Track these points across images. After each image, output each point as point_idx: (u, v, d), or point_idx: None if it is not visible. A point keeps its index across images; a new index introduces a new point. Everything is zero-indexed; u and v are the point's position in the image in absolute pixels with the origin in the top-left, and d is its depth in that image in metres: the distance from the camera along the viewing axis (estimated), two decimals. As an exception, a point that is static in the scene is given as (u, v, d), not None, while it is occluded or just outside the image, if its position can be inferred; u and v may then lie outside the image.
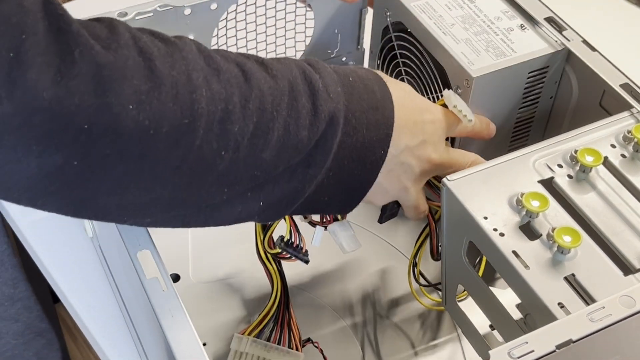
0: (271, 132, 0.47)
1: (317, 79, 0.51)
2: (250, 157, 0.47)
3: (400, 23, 0.73)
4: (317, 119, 0.49)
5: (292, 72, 0.50)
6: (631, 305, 0.47)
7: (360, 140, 0.52)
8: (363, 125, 0.53)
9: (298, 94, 0.49)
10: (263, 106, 0.47)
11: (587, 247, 0.53)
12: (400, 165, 0.56)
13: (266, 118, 0.47)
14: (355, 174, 0.53)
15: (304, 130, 0.49)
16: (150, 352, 0.64)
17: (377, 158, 0.54)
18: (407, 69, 0.74)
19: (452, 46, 0.67)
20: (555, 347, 0.45)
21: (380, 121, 0.54)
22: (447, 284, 0.63)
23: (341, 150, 0.52)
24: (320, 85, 0.50)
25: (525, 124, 0.72)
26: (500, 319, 0.57)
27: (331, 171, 0.52)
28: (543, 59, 0.67)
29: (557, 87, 0.70)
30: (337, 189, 0.53)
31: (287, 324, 0.64)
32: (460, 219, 0.56)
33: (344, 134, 0.51)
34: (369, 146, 0.53)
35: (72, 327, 1.29)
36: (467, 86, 0.65)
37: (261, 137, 0.47)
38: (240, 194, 0.48)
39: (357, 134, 0.52)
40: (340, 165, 0.52)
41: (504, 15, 0.70)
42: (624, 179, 0.57)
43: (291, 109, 0.48)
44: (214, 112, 0.44)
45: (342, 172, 0.53)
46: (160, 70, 0.42)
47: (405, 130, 0.55)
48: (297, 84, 0.50)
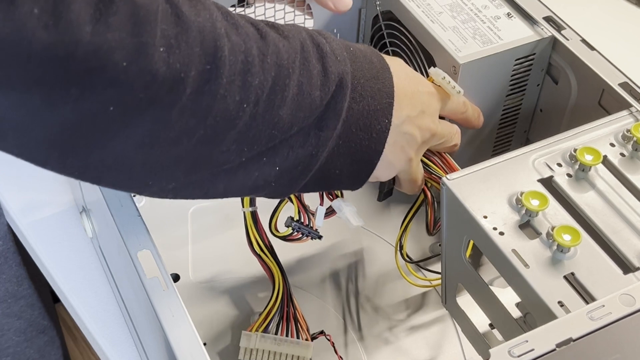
0: (287, 88, 0.48)
1: (324, 43, 0.52)
2: (269, 113, 0.47)
3: (389, 12, 0.74)
4: (327, 80, 0.51)
5: (301, 35, 0.51)
6: (631, 303, 0.48)
7: (367, 109, 0.53)
8: (367, 93, 0.54)
9: (309, 55, 0.50)
10: (280, 62, 0.48)
11: (587, 245, 0.53)
12: (403, 136, 0.57)
13: (283, 74, 0.48)
14: (363, 144, 0.54)
15: (317, 90, 0.50)
16: (150, 352, 0.64)
17: (383, 127, 0.55)
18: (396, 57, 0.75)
19: (439, 34, 0.68)
20: (555, 345, 0.45)
21: (382, 90, 0.55)
22: (446, 283, 0.63)
23: (350, 117, 0.53)
24: (328, 49, 0.52)
25: (513, 112, 0.73)
26: (500, 317, 0.57)
27: (341, 139, 0.53)
28: (529, 46, 0.68)
29: (544, 75, 0.71)
30: (347, 159, 0.54)
31: (292, 316, 0.64)
32: (459, 218, 0.56)
33: (351, 100, 0.52)
34: (374, 115, 0.54)
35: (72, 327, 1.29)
36: (455, 73, 0.66)
37: (279, 92, 0.48)
38: (257, 157, 0.49)
39: (363, 101, 0.53)
40: (349, 134, 0.53)
41: (491, 3, 0.72)
42: (623, 178, 0.57)
43: (303, 68, 0.49)
44: (235, 62, 0.45)
45: (351, 140, 0.53)
46: (187, 16, 0.43)
47: (405, 100, 0.56)
48: (307, 45, 0.51)
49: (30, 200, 0.80)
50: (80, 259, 0.76)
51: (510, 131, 0.75)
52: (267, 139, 0.49)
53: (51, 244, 0.77)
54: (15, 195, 0.81)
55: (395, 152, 0.57)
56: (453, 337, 0.69)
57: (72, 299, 0.73)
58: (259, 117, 0.47)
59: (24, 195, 0.81)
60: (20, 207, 0.80)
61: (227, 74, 0.44)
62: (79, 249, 0.76)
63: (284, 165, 0.51)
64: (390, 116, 0.55)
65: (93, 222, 0.71)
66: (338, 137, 0.52)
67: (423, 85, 0.60)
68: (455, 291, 0.62)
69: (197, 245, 0.76)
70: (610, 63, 0.66)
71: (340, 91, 0.51)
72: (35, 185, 0.82)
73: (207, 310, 0.71)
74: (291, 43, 0.50)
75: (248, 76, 0.46)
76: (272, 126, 0.48)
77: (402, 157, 0.58)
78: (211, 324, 0.70)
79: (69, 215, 0.79)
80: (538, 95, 0.73)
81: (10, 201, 0.80)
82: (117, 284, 0.70)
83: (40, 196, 0.81)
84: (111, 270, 0.71)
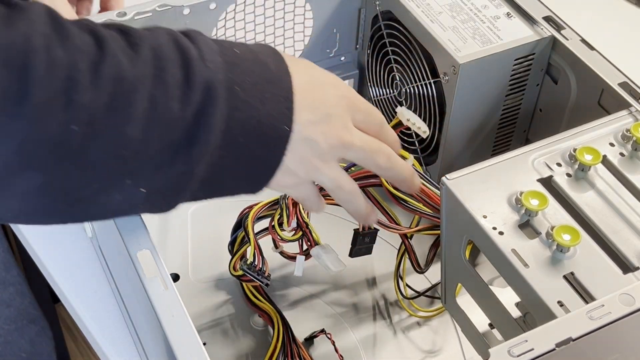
0: (134, 103, 0.44)
1: (190, 47, 0.47)
2: (111, 132, 0.43)
3: (389, 12, 0.75)
4: (190, 90, 0.46)
5: (158, 41, 0.46)
6: (630, 303, 0.48)
7: (256, 116, 0.48)
8: (257, 99, 0.48)
9: (166, 63, 0.45)
10: (121, 74, 0.43)
11: (586, 245, 0.53)
12: (303, 142, 0.51)
13: (125, 89, 0.43)
14: (257, 154, 0.49)
15: (175, 102, 0.45)
16: (150, 351, 0.64)
17: (280, 134, 0.50)
18: (396, 57, 0.75)
19: (439, 33, 0.69)
20: (555, 345, 0.45)
21: (278, 94, 0.50)
22: (446, 282, 0.63)
23: (233, 127, 0.47)
24: (194, 54, 0.47)
25: (513, 112, 0.73)
26: (500, 317, 0.57)
27: (225, 151, 0.48)
28: (529, 46, 0.68)
29: (544, 75, 0.71)
30: (239, 171, 0.49)
31: (297, 355, 0.64)
32: (459, 218, 0.56)
33: (232, 108, 0.47)
34: (267, 122, 0.49)
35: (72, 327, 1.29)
36: (454, 73, 0.66)
37: (121, 109, 0.43)
38: (115, 181, 0.45)
39: (250, 108, 0.48)
40: (236, 145, 0.48)
41: (491, 3, 0.72)
42: (622, 178, 0.57)
43: (157, 79, 0.45)
44: (53, 79, 0.41)
45: (240, 152, 0.48)
46: None
47: (306, 103, 0.51)
48: (165, 53, 0.46)
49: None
50: (80, 259, 0.76)
51: (509, 131, 0.75)
52: (117, 161, 0.44)
53: (51, 244, 0.77)
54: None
55: (295, 159, 0.51)
56: (453, 337, 0.69)
57: (72, 299, 0.73)
58: (98, 138, 0.43)
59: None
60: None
61: (42, 93, 0.40)
62: (79, 249, 0.76)
63: (151, 186, 0.46)
64: (289, 122, 0.50)
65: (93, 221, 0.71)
66: (219, 149, 0.47)
67: (332, 87, 0.54)
68: (455, 291, 0.63)
69: (197, 245, 0.76)
70: (610, 63, 0.66)
71: (210, 101, 0.46)
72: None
73: (207, 310, 0.71)
74: (141, 52, 0.45)
75: (74, 94, 0.41)
76: (120, 146, 0.44)
77: (306, 165, 0.52)
78: (211, 324, 0.70)
79: (68, 215, 0.79)
80: (537, 95, 0.73)
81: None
82: (117, 284, 0.70)
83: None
84: (111, 270, 0.71)
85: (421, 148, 0.76)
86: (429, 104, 0.72)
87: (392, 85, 0.78)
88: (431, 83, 0.71)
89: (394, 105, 0.79)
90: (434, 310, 0.70)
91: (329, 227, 0.69)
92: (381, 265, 0.74)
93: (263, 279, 0.63)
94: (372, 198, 0.67)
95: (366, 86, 0.83)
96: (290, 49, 0.79)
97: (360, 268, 0.74)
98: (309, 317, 0.70)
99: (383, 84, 0.80)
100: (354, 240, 0.67)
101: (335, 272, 0.62)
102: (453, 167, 0.62)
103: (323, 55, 0.81)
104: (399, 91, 0.77)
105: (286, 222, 0.63)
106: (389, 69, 0.77)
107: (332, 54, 0.81)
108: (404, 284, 0.69)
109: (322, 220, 0.73)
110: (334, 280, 0.73)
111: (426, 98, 0.72)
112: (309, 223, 0.63)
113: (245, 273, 0.63)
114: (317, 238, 0.63)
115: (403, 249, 0.68)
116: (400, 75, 0.76)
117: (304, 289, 0.73)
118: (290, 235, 0.64)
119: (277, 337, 0.64)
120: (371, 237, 0.67)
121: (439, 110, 0.71)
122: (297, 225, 0.63)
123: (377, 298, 0.72)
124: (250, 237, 0.63)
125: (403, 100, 0.77)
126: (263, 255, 0.63)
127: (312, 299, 0.72)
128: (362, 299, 0.72)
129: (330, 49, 0.81)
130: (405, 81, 0.75)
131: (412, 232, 0.66)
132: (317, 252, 0.63)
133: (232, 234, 0.67)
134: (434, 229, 0.66)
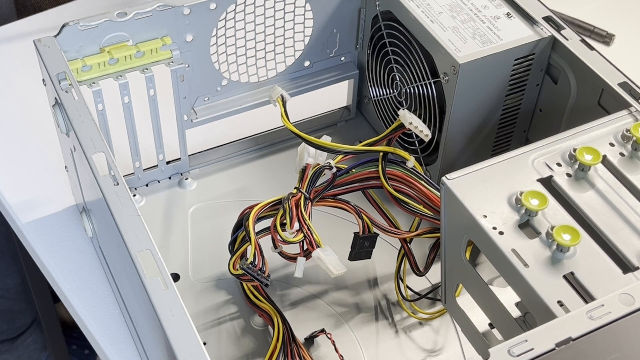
0: None
1: None
2: None
3: (389, 12, 0.75)
4: None
5: None
6: (630, 303, 0.48)
7: None
8: None
9: None
10: None
11: (586, 245, 0.53)
12: None
13: None
14: None
15: None
16: (150, 351, 0.64)
17: None
18: (396, 57, 0.76)
19: (439, 34, 0.69)
20: (554, 345, 0.45)
21: None
22: (446, 282, 0.63)
23: None
24: None
25: (513, 111, 0.73)
26: (500, 317, 0.57)
27: None
28: (529, 46, 0.68)
29: (543, 75, 0.71)
30: None
31: (297, 355, 0.64)
32: (459, 218, 0.56)
33: None
34: None
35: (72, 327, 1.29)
36: (454, 73, 0.66)
37: None
38: None
39: None
40: None
41: (491, 3, 0.72)
42: (622, 178, 0.57)
43: None
44: None
45: None
46: None
47: None
48: None
49: (30, 200, 0.80)
50: (80, 259, 0.76)
51: (509, 131, 0.75)
52: None
53: (51, 244, 0.77)
54: (15, 195, 0.81)
55: None
56: (453, 337, 0.69)
57: (72, 299, 0.73)
58: None
59: (24, 195, 0.81)
60: (20, 207, 0.80)
61: None
62: (79, 249, 0.76)
63: None
64: None
65: (93, 222, 0.71)
66: None
67: None
68: (455, 290, 0.63)
69: (197, 245, 0.76)
70: (610, 63, 0.66)
71: None
72: (35, 185, 0.82)
73: (207, 310, 0.71)
74: None
75: None
76: None
77: None
78: (211, 324, 0.70)
79: (69, 215, 0.79)
80: (537, 95, 0.73)
81: (10, 200, 0.80)
82: (117, 284, 0.70)
83: (40, 196, 0.81)
84: (111, 270, 0.71)
85: (421, 148, 0.76)
86: (429, 104, 0.72)
87: (392, 85, 0.78)
88: (431, 83, 0.71)
89: (394, 105, 0.79)
90: (434, 313, 0.70)
91: (330, 227, 0.69)
92: (382, 266, 0.74)
93: (263, 278, 0.63)
94: (372, 200, 0.67)
95: (366, 86, 0.83)
96: (290, 49, 0.79)
97: (361, 268, 0.74)
98: (309, 317, 0.70)
99: (383, 84, 0.80)
100: (354, 243, 0.67)
101: (335, 275, 0.62)
102: (453, 167, 0.62)
103: (323, 55, 0.81)
104: (399, 91, 0.77)
105: (289, 224, 0.63)
106: (389, 69, 0.77)
107: (332, 54, 0.81)
108: (405, 286, 0.69)
109: (323, 220, 0.73)
110: (334, 281, 0.73)
111: (426, 98, 0.72)
112: (310, 225, 0.63)
113: (245, 272, 0.63)
114: (319, 240, 0.63)
115: (403, 252, 0.68)
116: (400, 75, 0.76)
117: (304, 289, 0.73)
118: (292, 237, 0.64)
119: (277, 337, 0.64)
120: (371, 241, 0.67)
121: (439, 110, 0.71)
122: (299, 227, 0.63)
123: (378, 298, 0.72)
124: (251, 237, 0.63)
125: (403, 100, 0.77)
126: (263, 255, 0.63)
127: (313, 299, 0.72)
128: (363, 299, 0.72)
129: (331, 49, 0.81)
130: (405, 81, 0.75)
131: (412, 237, 0.66)
132: (318, 255, 0.63)
133: (233, 234, 0.67)
134: (434, 232, 0.66)
